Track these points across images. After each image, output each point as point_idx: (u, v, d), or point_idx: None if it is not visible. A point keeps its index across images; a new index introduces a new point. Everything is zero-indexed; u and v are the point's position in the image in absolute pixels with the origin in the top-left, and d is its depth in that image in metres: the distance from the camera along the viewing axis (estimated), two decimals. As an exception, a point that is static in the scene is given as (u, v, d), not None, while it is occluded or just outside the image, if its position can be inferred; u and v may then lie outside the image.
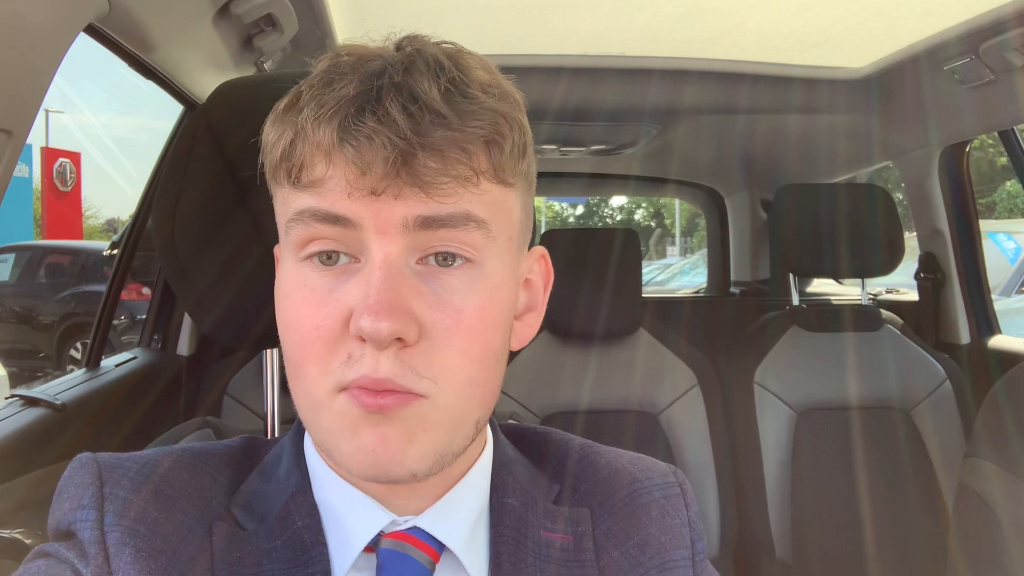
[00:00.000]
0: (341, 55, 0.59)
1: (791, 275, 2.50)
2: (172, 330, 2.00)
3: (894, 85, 2.27)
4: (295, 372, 0.59)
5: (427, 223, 0.56)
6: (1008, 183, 15.36)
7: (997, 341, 2.43)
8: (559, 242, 2.25)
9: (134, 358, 1.87)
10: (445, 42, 0.61)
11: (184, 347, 2.01)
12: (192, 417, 1.75)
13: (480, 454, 0.68)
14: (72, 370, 1.75)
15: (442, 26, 0.63)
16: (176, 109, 1.71)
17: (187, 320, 2.01)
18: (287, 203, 0.59)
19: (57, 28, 0.90)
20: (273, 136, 0.59)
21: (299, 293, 0.58)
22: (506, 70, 0.63)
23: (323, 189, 0.56)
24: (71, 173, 14.38)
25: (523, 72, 2.18)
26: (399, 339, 0.55)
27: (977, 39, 1.87)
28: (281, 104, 0.60)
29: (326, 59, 0.59)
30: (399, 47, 0.59)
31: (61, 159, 14.25)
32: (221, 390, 1.96)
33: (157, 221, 0.91)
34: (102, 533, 0.58)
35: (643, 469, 0.73)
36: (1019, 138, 2.26)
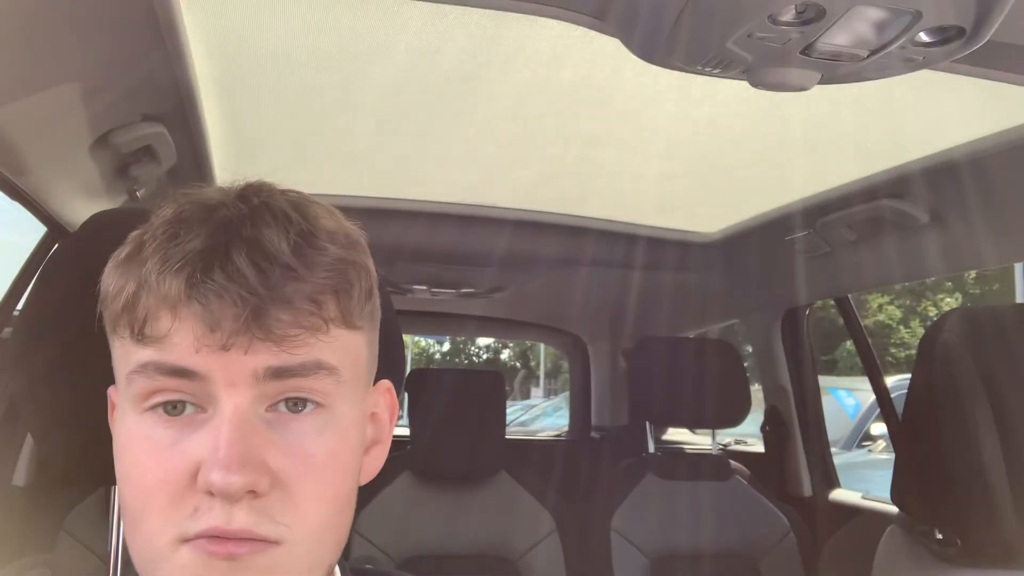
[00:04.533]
0: (184, 205, 0.58)
1: (647, 422, 2.58)
2: (9, 458, 1.87)
3: (742, 251, 2.44)
4: (134, 524, 0.57)
5: (278, 373, 0.56)
6: (848, 342, 16.40)
7: (836, 495, 2.55)
8: (425, 382, 2.27)
9: (-37, 488, 1.73)
10: (290, 191, 0.61)
11: (20, 478, 1.88)
12: (25, 555, 1.62)
13: None
14: None
15: (318, 169, 0.66)
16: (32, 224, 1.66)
17: (26, 449, 1.89)
18: (128, 355, 0.57)
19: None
20: (114, 287, 0.58)
21: (141, 446, 0.56)
22: (380, 213, 0.65)
23: (168, 343, 0.55)
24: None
25: (397, 215, 2.22)
26: (251, 491, 0.54)
27: (815, 215, 2.05)
28: (121, 254, 0.59)
29: (168, 207, 0.58)
30: (243, 197, 0.59)
31: None
32: (56, 526, 1.83)
33: (16, 341, 0.88)
34: None
35: None
36: (853, 306, 2.46)
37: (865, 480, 3.17)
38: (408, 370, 2.44)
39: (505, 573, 2.17)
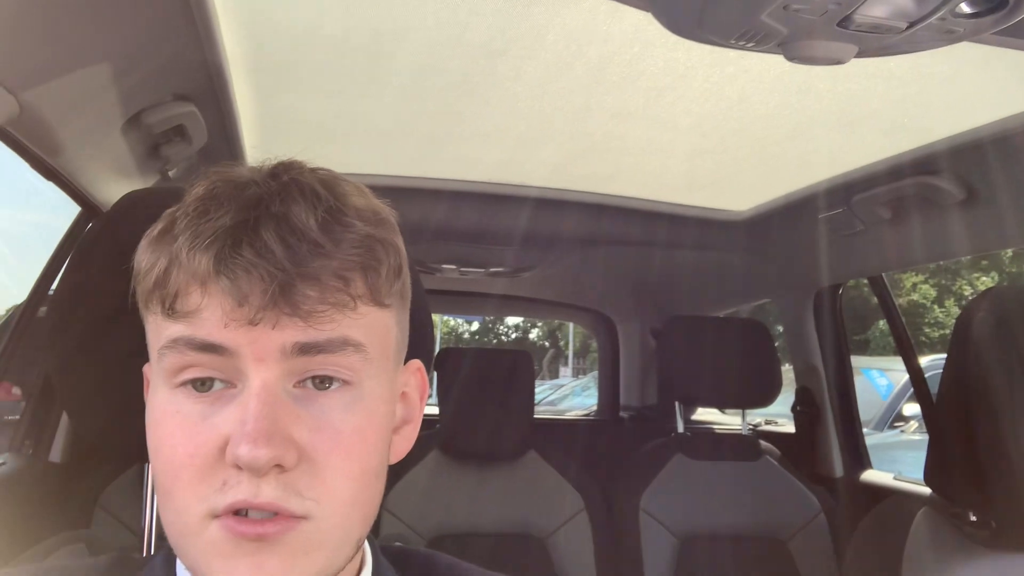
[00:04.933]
0: (216, 182, 0.59)
1: (676, 402, 2.57)
2: (46, 435, 1.91)
3: (772, 229, 2.42)
4: (166, 498, 0.58)
5: (305, 349, 0.56)
6: (881, 322, 16.27)
7: (868, 476, 2.53)
8: (454, 361, 2.27)
9: (3, 463, 1.76)
10: (320, 168, 0.62)
11: (57, 454, 1.91)
12: (62, 529, 1.65)
13: (359, 574, 0.67)
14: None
15: (348, 148, 0.66)
16: (65, 203, 1.68)
17: (63, 426, 1.92)
18: (160, 330, 0.58)
19: (-36, 129, 0.90)
20: (146, 263, 0.59)
21: (172, 421, 0.57)
22: (409, 192, 0.65)
23: (198, 319, 0.56)
24: (-55, 261, 13.67)
25: (426, 194, 2.22)
26: (278, 465, 0.54)
27: (849, 192, 2.02)
28: (155, 231, 0.60)
29: (200, 185, 0.59)
30: (274, 175, 0.59)
31: (-64, 246, 13.56)
32: (92, 502, 1.87)
33: (51, 319, 0.90)
34: None
35: None
36: (887, 285, 2.43)
37: (897, 461, 3.15)
38: (437, 349, 2.45)
39: (533, 552, 2.18)
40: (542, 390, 11.41)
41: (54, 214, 1.92)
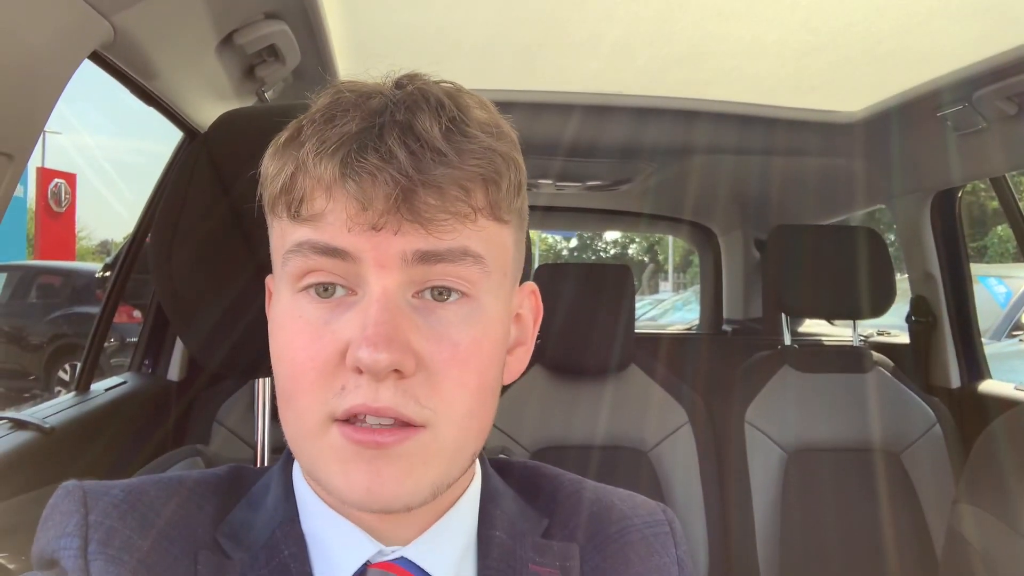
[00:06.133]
0: (342, 91, 0.59)
1: (783, 315, 2.51)
2: (163, 355, 2.00)
3: (888, 130, 2.29)
4: (286, 402, 0.59)
5: (425, 257, 0.56)
6: (999, 228, 15.46)
7: (987, 386, 2.43)
8: (553, 276, 2.26)
9: (124, 382, 1.86)
10: (444, 81, 0.62)
11: (175, 373, 2.00)
12: (181, 444, 1.74)
13: (468, 486, 0.68)
14: (60, 392, 1.73)
15: (441, 63, 0.63)
16: (174, 133, 1.72)
17: (178, 345, 2.00)
18: (285, 235, 0.60)
19: (62, 55, 0.91)
20: (273, 169, 0.60)
21: (294, 325, 0.58)
22: (504, 106, 0.64)
23: (323, 223, 0.57)
24: (66, 194, 14.37)
25: (521, 108, 2.19)
26: (396, 371, 0.55)
27: (970, 87, 1.89)
28: (282, 137, 0.61)
29: (327, 94, 0.60)
30: (399, 85, 0.60)
31: (56, 180, 14.23)
32: (210, 417, 1.95)
33: (155, 244, 0.92)
34: (85, 562, 0.58)
35: (633, 506, 0.73)
36: (1011, 185, 2.28)
37: (1015, 371, 3.01)
38: (535, 266, 2.44)
39: (637, 464, 2.18)
40: (642, 306, 11.38)
41: (163, 142, 1.98)
